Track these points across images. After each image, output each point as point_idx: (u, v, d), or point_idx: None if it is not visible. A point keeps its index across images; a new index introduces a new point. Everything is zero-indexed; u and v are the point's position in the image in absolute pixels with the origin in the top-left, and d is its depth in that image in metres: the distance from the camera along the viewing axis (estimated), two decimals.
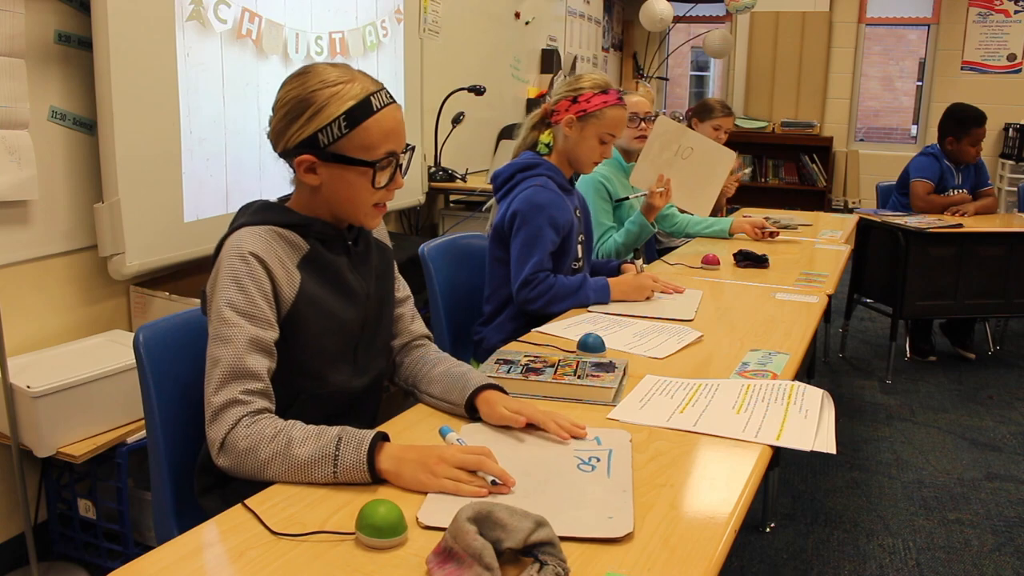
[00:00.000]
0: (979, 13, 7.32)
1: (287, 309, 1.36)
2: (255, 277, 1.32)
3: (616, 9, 7.98)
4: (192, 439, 1.48)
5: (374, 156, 1.37)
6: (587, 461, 1.25)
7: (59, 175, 2.40)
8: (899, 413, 3.80)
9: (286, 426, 1.24)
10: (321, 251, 1.42)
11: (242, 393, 1.27)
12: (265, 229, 1.37)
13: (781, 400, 1.49)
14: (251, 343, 1.30)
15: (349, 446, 1.18)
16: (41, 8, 2.31)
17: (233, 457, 1.23)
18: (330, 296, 1.42)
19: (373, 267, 1.53)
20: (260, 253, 1.33)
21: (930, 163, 4.51)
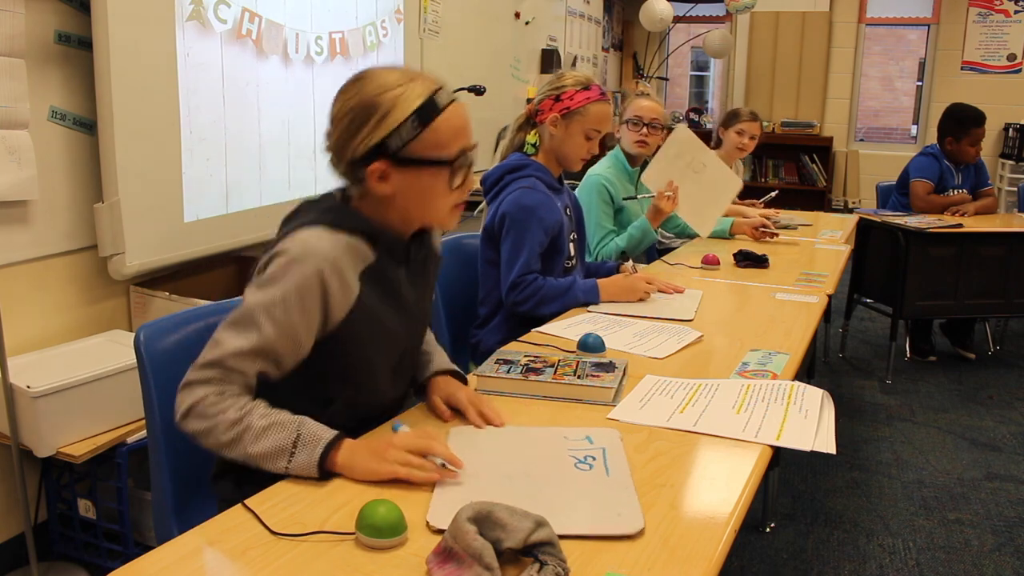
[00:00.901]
0: (979, 13, 7.32)
1: (339, 320, 1.31)
2: (310, 292, 1.26)
3: (616, 9, 7.98)
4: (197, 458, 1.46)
5: (449, 154, 1.33)
6: (583, 460, 1.25)
7: (59, 175, 2.40)
8: (899, 413, 3.80)
9: (247, 412, 1.23)
10: (386, 264, 1.37)
11: (219, 379, 1.25)
12: (338, 237, 1.30)
13: (781, 400, 1.49)
14: (260, 351, 1.26)
15: (305, 448, 1.19)
16: (41, 8, 2.31)
17: (195, 429, 1.24)
18: (387, 311, 1.38)
19: (429, 279, 1.52)
20: (326, 268, 1.26)
21: (930, 163, 4.51)
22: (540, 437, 1.34)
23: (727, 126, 3.97)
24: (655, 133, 3.12)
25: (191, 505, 1.51)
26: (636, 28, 7.69)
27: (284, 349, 1.28)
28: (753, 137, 3.92)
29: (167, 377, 1.46)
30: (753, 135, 3.91)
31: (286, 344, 1.28)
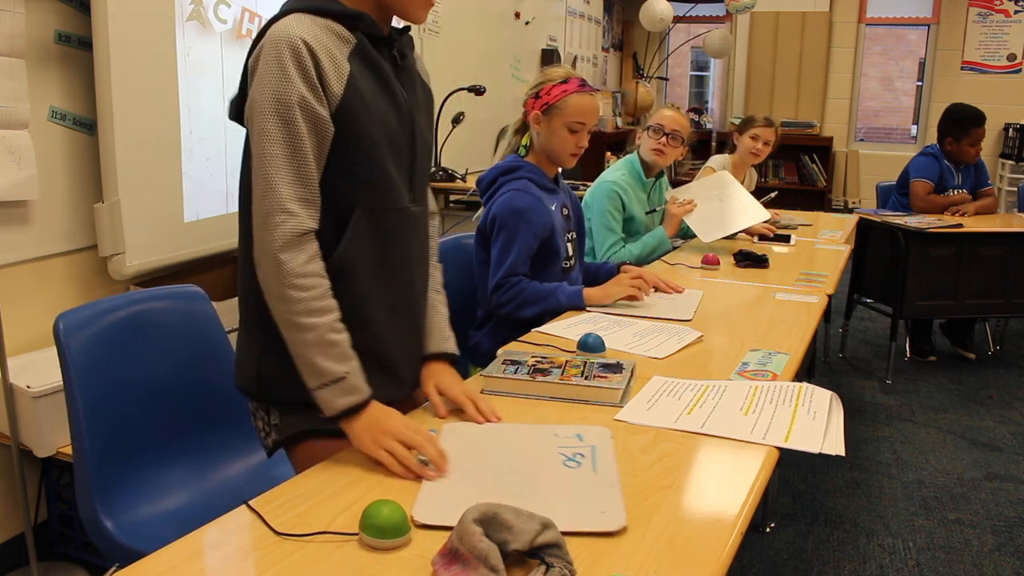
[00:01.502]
0: (979, 13, 7.32)
1: (336, 104, 1.28)
2: (302, 61, 1.23)
3: (616, 9, 7.98)
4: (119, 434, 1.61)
5: None
6: (572, 458, 1.25)
7: (59, 175, 2.40)
8: (899, 413, 3.80)
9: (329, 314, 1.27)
10: (369, 47, 1.33)
11: (289, 210, 1.24)
12: (310, 18, 1.28)
13: (789, 402, 1.48)
14: (295, 160, 1.24)
15: (340, 389, 1.25)
16: (41, 8, 2.30)
17: (282, 295, 1.25)
18: (379, 98, 1.34)
19: (417, 94, 1.47)
20: (309, 40, 1.25)
21: (930, 163, 4.52)
22: (531, 434, 1.34)
23: (742, 131, 3.98)
24: (674, 145, 3.10)
25: (114, 488, 1.60)
26: (636, 28, 7.69)
27: (316, 135, 1.27)
28: (767, 143, 3.91)
29: (88, 363, 1.56)
30: (767, 141, 3.91)
31: (312, 119, 1.26)
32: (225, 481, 1.82)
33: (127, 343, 1.69)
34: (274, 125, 1.24)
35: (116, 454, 1.62)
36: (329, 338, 1.26)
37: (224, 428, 1.86)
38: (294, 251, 1.25)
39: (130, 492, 1.65)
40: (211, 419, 1.84)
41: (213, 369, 1.84)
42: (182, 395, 1.78)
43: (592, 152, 3.11)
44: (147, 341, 1.74)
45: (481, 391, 1.53)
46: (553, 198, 2.33)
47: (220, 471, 1.83)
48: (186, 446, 1.78)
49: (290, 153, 1.24)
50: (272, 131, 1.24)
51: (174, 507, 1.70)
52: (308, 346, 1.26)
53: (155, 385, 1.73)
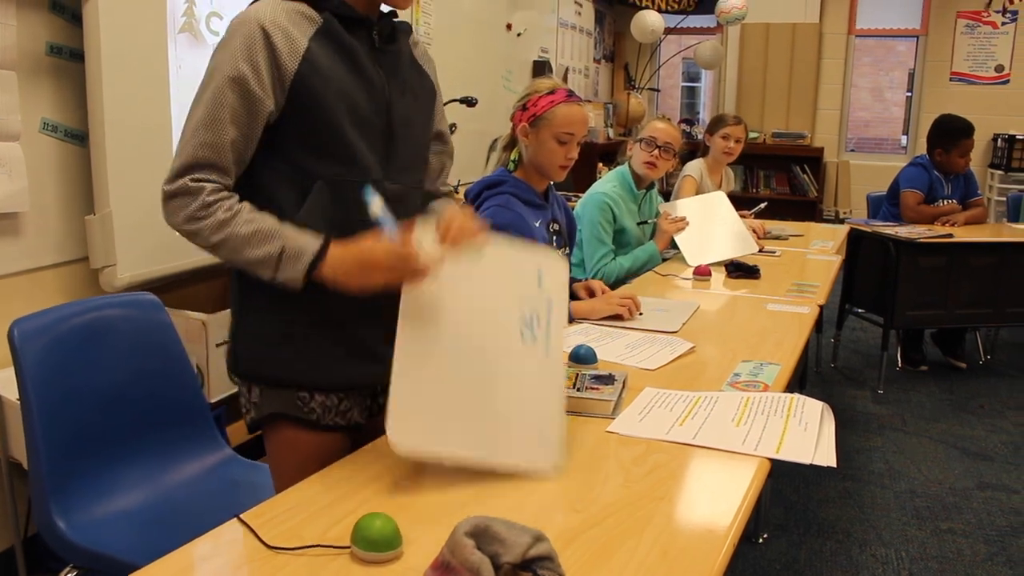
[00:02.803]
0: (967, 25, 7.37)
1: (290, 79, 1.32)
2: (255, 43, 1.30)
3: (607, 21, 8.01)
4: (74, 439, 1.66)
5: None
6: (529, 325, 1.32)
7: (50, 187, 2.39)
8: (891, 423, 3.81)
9: (235, 215, 1.29)
10: (336, 26, 1.37)
11: (198, 180, 1.29)
12: (279, 2, 1.34)
13: (781, 413, 1.49)
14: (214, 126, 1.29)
15: (290, 261, 1.27)
16: (33, 20, 2.30)
17: (186, 231, 1.32)
18: (343, 74, 1.37)
19: (403, 78, 1.48)
20: (265, 22, 1.30)
21: (920, 174, 4.54)
22: (495, 293, 1.35)
23: (712, 132, 4.00)
24: (666, 157, 3.12)
25: (69, 490, 1.64)
26: (628, 39, 7.72)
27: (247, 113, 1.31)
28: (739, 141, 3.94)
29: (43, 369, 1.62)
30: (739, 139, 3.94)
31: (247, 106, 1.30)
32: (180, 482, 1.86)
33: (83, 350, 1.74)
34: (208, 94, 1.31)
35: (71, 458, 1.67)
36: (243, 232, 1.28)
37: (178, 431, 1.91)
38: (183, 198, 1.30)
39: (84, 494, 1.69)
40: (166, 423, 1.88)
41: (168, 376, 1.90)
42: (137, 400, 1.83)
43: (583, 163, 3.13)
44: (103, 348, 1.78)
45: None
46: (539, 214, 2.31)
47: (175, 472, 1.87)
48: (141, 449, 1.82)
49: (210, 120, 1.30)
50: (204, 98, 1.30)
51: (128, 507, 1.74)
52: (236, 251, 1.29)
53: (110, 391, 1.77)
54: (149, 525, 1.71)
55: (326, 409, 1.46)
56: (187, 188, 1.29)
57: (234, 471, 1.94)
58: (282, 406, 1.44)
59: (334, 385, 1.46)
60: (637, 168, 3.14)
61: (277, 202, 1.35)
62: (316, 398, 1.45)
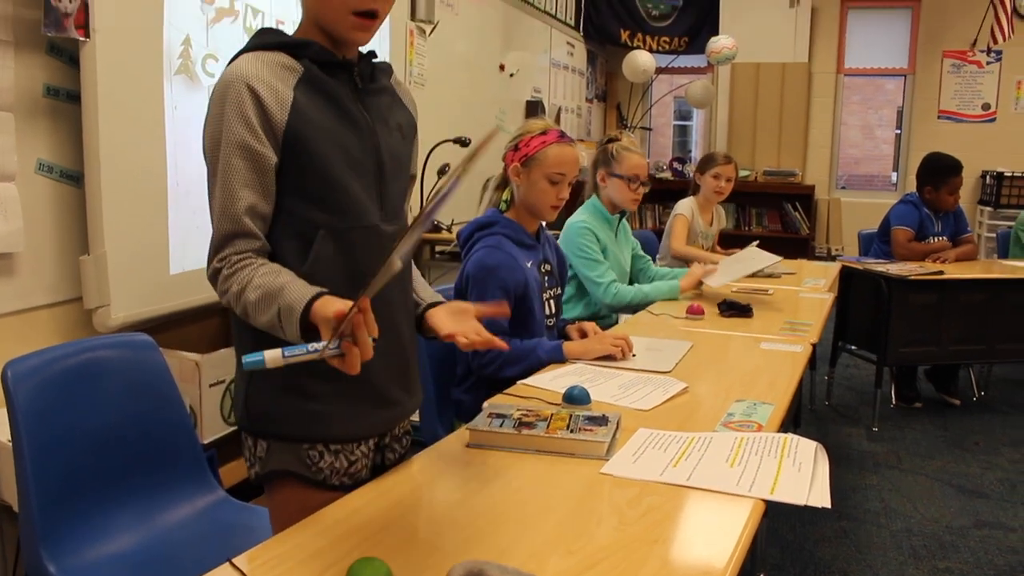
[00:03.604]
0: (953, 64, 7.49)
1: (282, 131, 1.33)
2: (244, 102, 1.30)
3: (599, 61, 8.11)
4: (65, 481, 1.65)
5: None
6: None
7: (45, 227, 2.40)
8: (886, 460, 3.80)
9: (245, 287, 1.29)
10: (317, 73, 1.38)
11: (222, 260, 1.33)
12: (256, 54, 1.35)
13: (775, 453, 1.49)
14: (228, 193, 1.31)
15: (288, 321, 1.25)
16: (31, 63, 2.32)
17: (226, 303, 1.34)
18: (331, 121, 1.38)
19: (389, 117, 1.49)
20: (251, 78, 1.31)
21: (910, 211, 4.58)
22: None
23: (703, 171, 4.04)
24: (644, 189, 3.18)
25: (60, 532, 1.62)
26: (619, 79, 7.81)
27: (256, 170, 1.32)
28: (729, 179, 3.99)
29: (36, 411, 1.62)
30: (729, 177, 3.99)
31: (252, 154, 1.31)
32: (171, 524, 1.85)
33: (76, 391, 1.73)
34: (214, 163, 1.32)
35: (62, 500, 1.65)
36: (253, 299, 1.29)
37: (171, 472, 1.90)
38: (215, 277, 1.34)
39: (75, 537, 1.68)
40: (158, 464, 1.87)
41: (161, 417, 1.89)
42: (130, 442, 1.82)
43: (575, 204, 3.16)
44: (96, 389, 1.78)
45: (467, 445, 1.53)
46: (531, 254, 2.32)
47: (167, 514, 1.86)
48: (133, 491, 1.81)
49: (224, 193, 1.32)
50: (212, 172, 1.33)
51: (120, 550, 1.72)
52: (254, 319, 1.30)
53: (103, 432, 1.76)
54: (141, 568, 1.69)
55: (334, 470, 1.45)
56: (215, 270, 1.33)
57: (227, 513, 1.93)
58: (290, 464, 1.43)
59: (348, 436, 1.46)
60: (622, 203, 3.17)
61: (282, 254, 1.36)
62: (325, 458, 1.44)
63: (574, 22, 7.36)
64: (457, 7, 4.83)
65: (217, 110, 1.32)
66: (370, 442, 1.52)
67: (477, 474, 1.42)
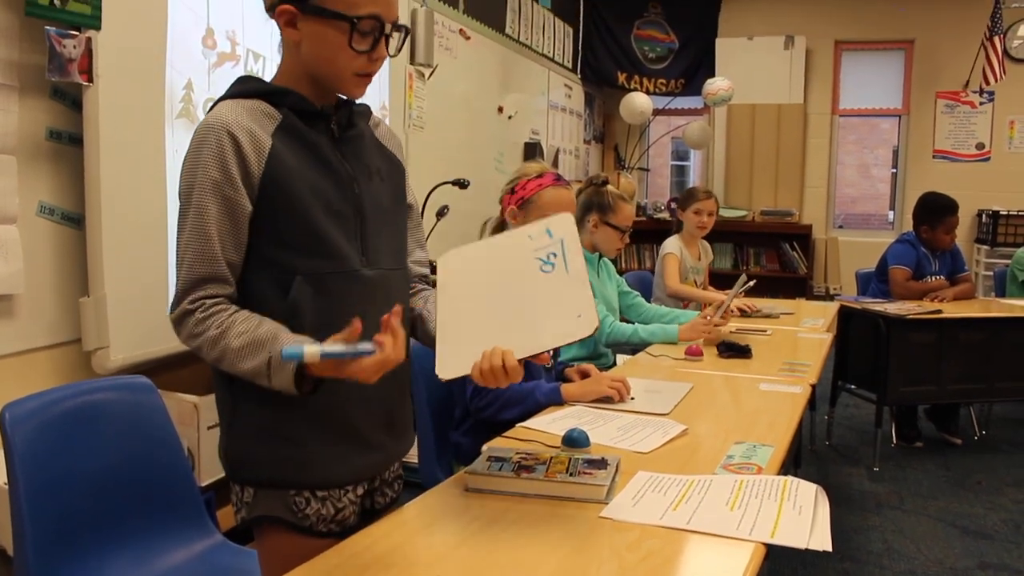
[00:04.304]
0: (946, 104, 7.57)
1: (259, 178, 1.34)
2: (223, 150, 1.31)
3: (597, 103, 8.19)
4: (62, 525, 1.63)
5: (355, 13, 1.34)
6: (547, 260, 1.40)
7: (45, 269, 2.41)
8: (888, 501, 3.77)
9: (225, 331, 1.30)
10: (296, 122, 1.39)
11: (194, 301, 1.33)
12: (237, 101, 1.37)
13: (775, 496, 1.48)
14: (201, 239, 1.32)
15: (278, 371, 1.27)
16: (34, 106, 2.35)
17: (192, 347, 1.35)
18: (308, 169, 1.38)
19: (368, 163, 1.49)
20: (230, 124, 1.32)
21: (907, 250, 4.60)
22: (510, 246, 1.46)
23: (684, 207, 4.08)
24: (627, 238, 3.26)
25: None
26: (617, 120, 7.88)
27: (230, 217, 1.33)
28: (711, 214, 4.06)
29: (33, 454, 1.61)
30: (711, 212, 4.06)
31: (228, 210, 1.33)
32: (168, 568, 1.83)
33: (74, 434, 1.72)
34: (188, 207, 1.33)
35: (58, 544, 1.64)
36: (235, 346, 1.30)
37: (168, 515, 1.88)
38: (184, 319, 1.35)
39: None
40: (156, 508, 1.86)
41: (159, 460, 1.88)
42: (127, 484, 1.80)
43: None
44: (94, 432, 1.77)
45: (466, 488, 1.52)
46: None
47: (164, 558, 1.84)
48: (129, 534, 1.79)
49: (197, 235, 1.32)
50: (187, 211, 1.34)
51: None
52: (232, 365, 1.31)
53: (100, 475, 1.75)
54: None
55: (320, 517, 1.44)
56: (185, 311, 1.33)
57: (224, 557, 1.91)
58: (276, 510, 1.42)
59: (332, 482, 1.45)
60: (604, 248, 3.23)
61: (261, 301, 1.36)
62: (312, 505, 1.43)
63: (571, 64, 7.45)
64: (456, 51, 4.89)
65: (195, 154, 1.33)
66: (358, 489, 1.51)
67: (476, 518, 1.42)
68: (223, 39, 2.89)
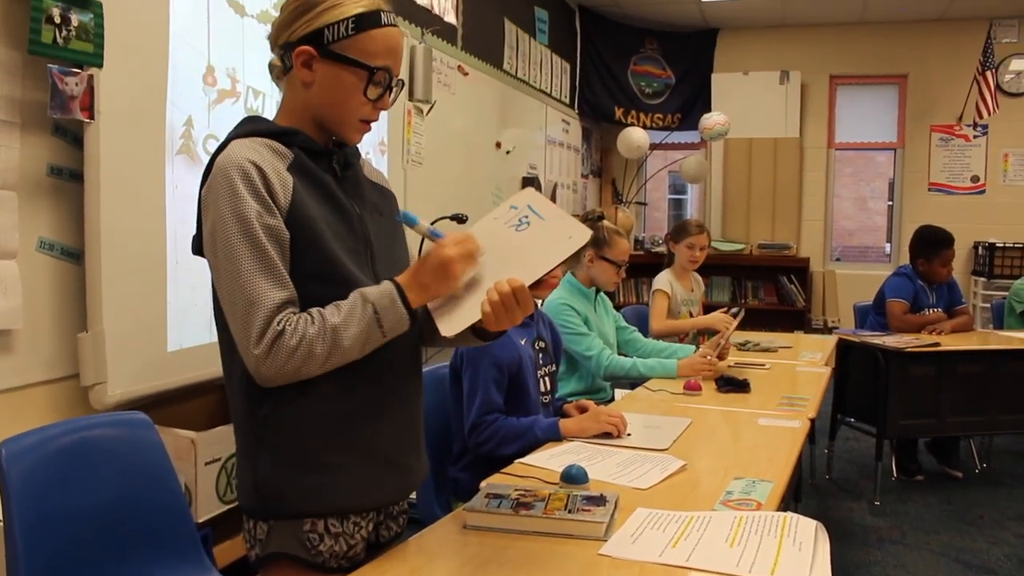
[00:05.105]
0: (941, 138, 7.63)
1: (285, 213, 1.36)
2: (249, 180, 1.32)
3: (594, 137, 8.25)
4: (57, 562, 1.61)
5: (374, 63, 1.40)
6: (520, 223, 1.45)
7: (44, 304, 2.41)
8: (889, 535, 3.74)
9: (319, 319, 1.32)
10: (306, 161, 1.42)
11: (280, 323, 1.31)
12: (252, 140, 1.39)
13: (774, 532, 1.47)
14: (267, 269, 1.32)
15: (386, 313, 1.33)
16: (35, 143, 2.37)
17: (296, 369, 1.32)
18: (322, 205, 1.41)
19: (367, 199, 1.53)
20: (254, 159, 1.34)
21: (904, 283, 4.61)
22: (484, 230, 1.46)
23: (677, 240, 4.10)
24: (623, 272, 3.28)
25: None
26: (614, 155, 7.93)
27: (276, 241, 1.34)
28: (703, 248, 4.10)
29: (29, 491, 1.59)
30: (703, 247, 4.10)
31: (273, 231, 1.33)
32: None
33: (70, 470, 1.72)
34: (240, 243, 1.32)
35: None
36: (336, 322, 1.32)
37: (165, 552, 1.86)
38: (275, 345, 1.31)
39: None
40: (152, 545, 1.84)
41: (156, 496, 1.87)
42: (123, 521, 1.79)
43: None
44: (91, 468, 1.76)
45: (464, 525, 1.52)
46: (524, 332, 2.33)
47: None
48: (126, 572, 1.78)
49: (261, 266, 1.32)
50: (239, 249, 1.31)
51: None
52: (340, 344, 1.32)
53: (96, 512, 1.74)
54: None
55: (332, 554, 1.44)
56: (275, 334, 1.30)
57: None
58: (289, 546, 1.42)
59: (361, 505, 1.46)
60: (601, 281, 3.25)
61: None
62: (325, 541, 1.43)
63: (569, 100, 7.52)
64: (454, 87, 4.93)
65: (227, 191, 1.33)
66: (369, 525, 1.51)
67: (475, 556, 1.41)
68: (223, 76, 2.92)
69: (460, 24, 5.18)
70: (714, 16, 7.69)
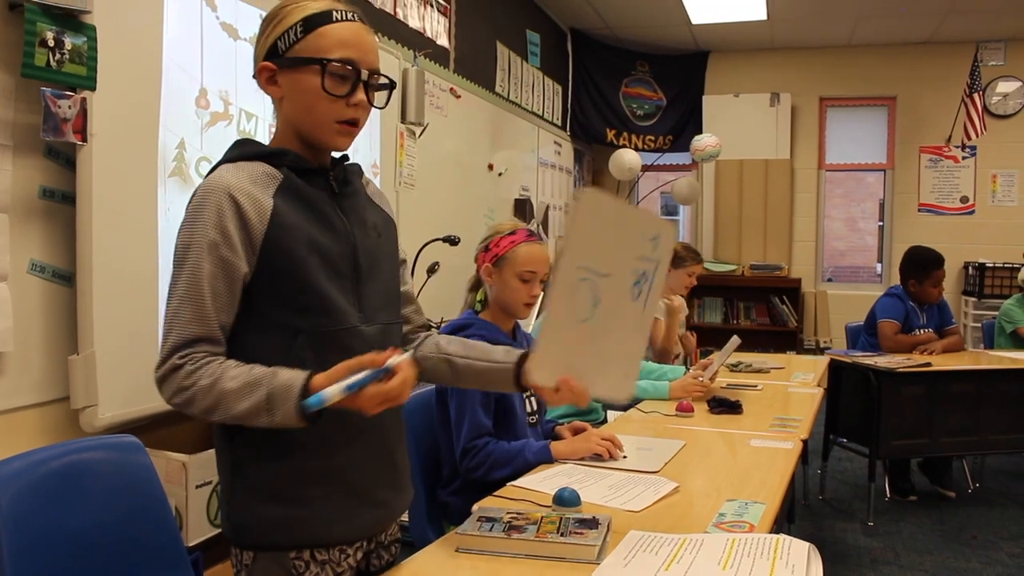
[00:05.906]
0: (930, 159, 7.69)
1: (260, 241, 1.34)
2: (224, 213, 1.32)
3: (586, 159, 8.28)
4: None
5: (325, 55, 1.37)
6: (638, 282, 1.49)
7: (35, 326, 2.40)
8: (883, 556, 3.73)
9: (219, 377, 1.29)
10: (296, 180, 1.41)
11: (183, 356, 1.31)
12: (237, 164, 1.39)
13: (767, 555, 1.47)
14: (194, 301, 1.31)
15: (279, 403, 1.26)
16: (28, 165, 2.37)
17: (178, 403, 1.32)
18: (309, 225, 1.39)
19: (365, 218, 1.52)
20: (232, 187, 1.33)
21: (895, 304, 4.63)
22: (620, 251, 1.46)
23: (675, 266, 4.11)
24: None
25: None
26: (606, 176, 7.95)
27: (224, 278, 1.33)
28: (697, 276, 4.17)
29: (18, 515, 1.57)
30: (699, 275, 4.18)
31: (222, 263, 1.32)
32: None
33: (60, 494, 1.70)
34: (185, 267, 1.33)
35: None
36: (230, 387, 1.28)
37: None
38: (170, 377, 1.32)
39: None
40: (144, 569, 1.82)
41: (146, 520, 1.85)
42: (113, 545, 1.77)
43: None
44: (81, 492, 1.74)
45: (456, 550, 1.51)
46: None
47: None
48: None
49: (191, 297, 1.32)
50: (182, 273, 1.33)
51: None
52: (228, 409, 1.29)
53: (86, 536, 1.72)
54: None
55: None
56: (173, 366, 1.31)
57: None
58: (274, 574, 1.41)
59: (336, 539, 1.44)
60: None
61: (262, 361, 1.35)
62: (311, 568, 1.42)
63: (561, 122, 7.56)
64: (446, 109, 4.96)
65: (194, 216, 1.34)
66: (357, 553, 1.50)
67: None
68: (216, 99, 2.93)
69: (452, 47, 5.22)
70: (705, 39, 7.76)
